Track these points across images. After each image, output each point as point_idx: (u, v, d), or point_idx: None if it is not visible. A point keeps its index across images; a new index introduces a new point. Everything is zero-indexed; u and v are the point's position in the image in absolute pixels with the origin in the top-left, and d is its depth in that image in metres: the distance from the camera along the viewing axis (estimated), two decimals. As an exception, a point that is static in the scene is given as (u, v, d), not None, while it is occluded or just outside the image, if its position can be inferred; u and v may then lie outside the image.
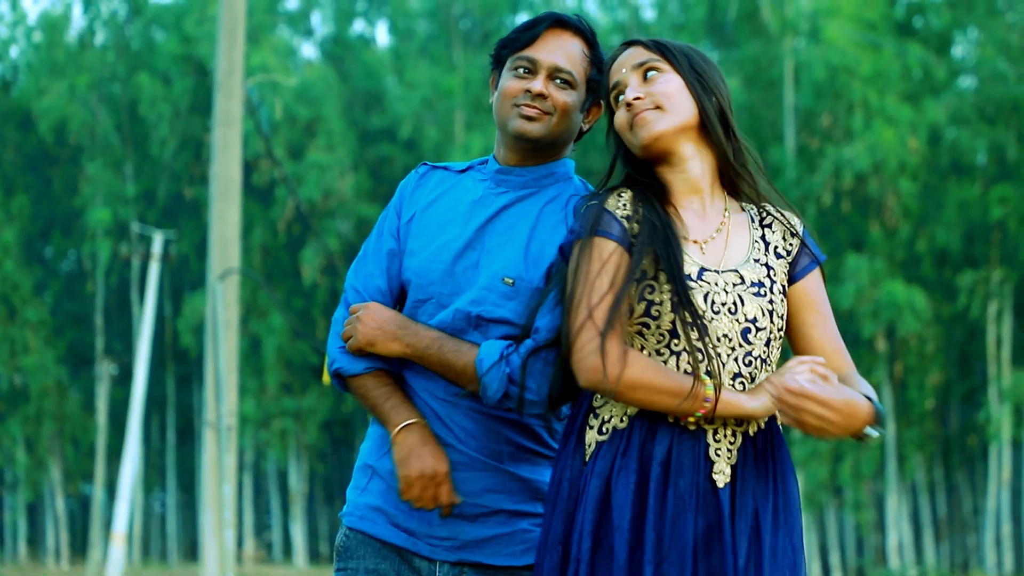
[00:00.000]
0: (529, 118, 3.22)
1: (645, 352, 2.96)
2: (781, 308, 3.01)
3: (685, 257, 2.98)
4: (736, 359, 2.96)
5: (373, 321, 3.21)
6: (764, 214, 3.09)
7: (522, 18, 44.41)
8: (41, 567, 42.16)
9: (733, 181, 3.08)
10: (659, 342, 2.96)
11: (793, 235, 3.08)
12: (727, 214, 3.05)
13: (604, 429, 2.99)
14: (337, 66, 42.72)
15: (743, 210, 3.08)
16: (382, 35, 68.65)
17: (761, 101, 37.66)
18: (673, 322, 2.94)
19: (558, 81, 3.24)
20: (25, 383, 41.04)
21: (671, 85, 3.04)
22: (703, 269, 2.99)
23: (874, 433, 2.89)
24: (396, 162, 42.27)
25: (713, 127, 3.03)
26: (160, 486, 46.46)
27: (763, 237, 3.05)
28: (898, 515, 36.76)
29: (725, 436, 2.95)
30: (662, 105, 3.03)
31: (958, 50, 38.48)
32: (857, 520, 36.44)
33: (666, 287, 2.95)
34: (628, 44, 3.13)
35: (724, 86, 3.08)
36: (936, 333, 35.50)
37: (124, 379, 41.57)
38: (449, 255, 3.24)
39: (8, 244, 41.54)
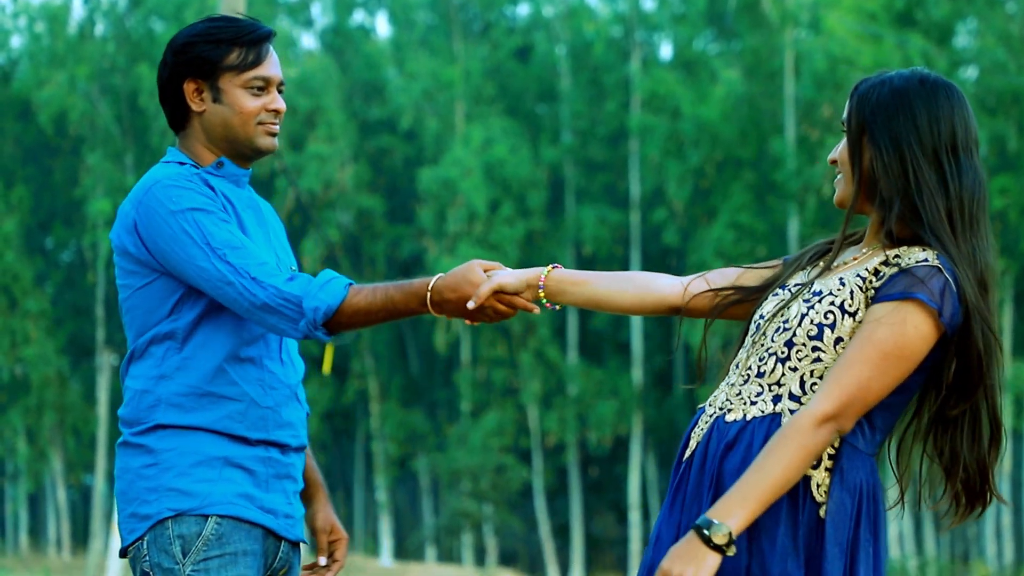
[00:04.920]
0: (274, 134, 3.50)
1: None
2: (821, 318, 3.01)
3: (797, 275, 3.16)
4: (758, 354, 3.07)
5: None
6: (896, 251, 3.05)
7: (523, 10, 44.38)
8: (43, 558, 42.21)
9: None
10: None
11: (889, 264, 3.01)
12: (867, 249, 3.09)
13: None
14: (337, 57, 42.70)
15: (889, 247, 3.09)
16: (382, 26, 68.59)
17: (762, 92, 37.64)
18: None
19: (281, 92, 3.54)
20: (26, 374, 41.07)
21: (842, 151, 3.10)
22: (797, 284, 3.12)
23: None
24: (396, 153, 42.26)
25: (874, 189, 3.04)
26: (161, 477, 46.49)
27: (867, 264, 3.06)
28: (898, 506, 36.81)
29: (706, 414, 3.11)
30: (841, 172, 3.11)
31: (958, 41, 38.47)
32: (857, 511, 36.47)
33: None
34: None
35: (925, 133, 3.02)
36: (936, 324, 35.54)
37: (125, 370, 41.61)
38: (270, 254, 3.45)
39: (8, 235, 41.56)
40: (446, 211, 38.80)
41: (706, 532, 2.86)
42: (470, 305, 3.27)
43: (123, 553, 3.40)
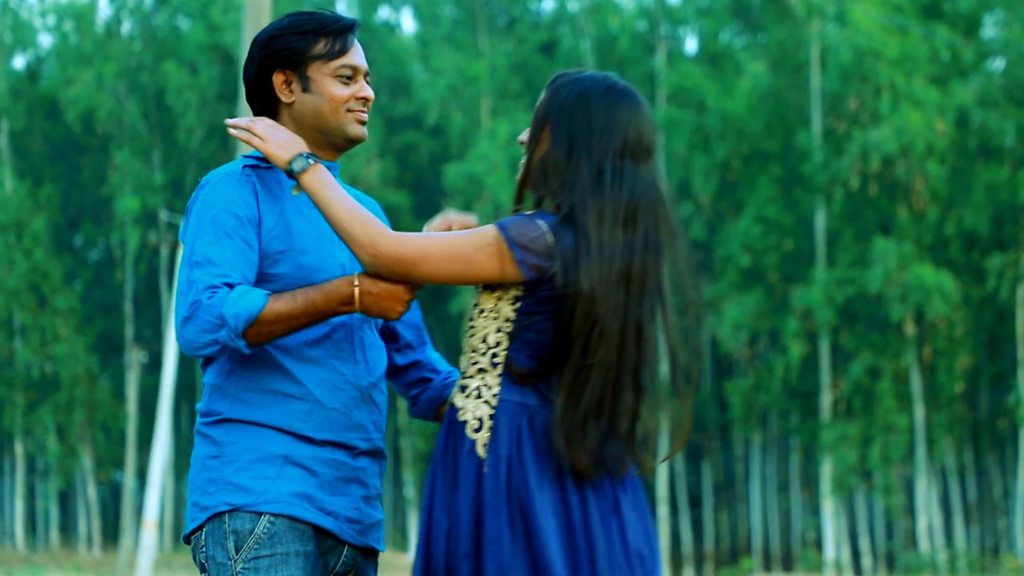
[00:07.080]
0: (363, 122, 3.53)
1: None
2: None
3: None
4: None
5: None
6: None
7: (548, 4, 44.39)
8: (73, 554, 42.44)
9: None
10: None
11: None
12: None
13: None
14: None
15: None
16: (407, 22, 68.72)
17: (788, 85, 37.56)
18: None
19: (368, 82, 3.56)
20: (56, 371, 41.28)
21: (527, 135, 3.34)
22: None
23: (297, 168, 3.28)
24: (422, 149, 42.31)
25: (542, 175, 3.29)
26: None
27: None
28: (928, 499, 36.70)
29: None
30: (525, 154, 3.36)
31: (985, 32, 38.32)
32: (887, 504, 36.39)
33: None
34: None
35: (596, 138, 3.24)
36: (965, 316, 35.40)
37: (154, 367, 41.77)
38: (338, 249, 3.47)
39: (38, 233, 41.77)
40: (472, 206, 38.84)
41: (297, 160, 3.27)
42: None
43: (186, 539, 3.46)
